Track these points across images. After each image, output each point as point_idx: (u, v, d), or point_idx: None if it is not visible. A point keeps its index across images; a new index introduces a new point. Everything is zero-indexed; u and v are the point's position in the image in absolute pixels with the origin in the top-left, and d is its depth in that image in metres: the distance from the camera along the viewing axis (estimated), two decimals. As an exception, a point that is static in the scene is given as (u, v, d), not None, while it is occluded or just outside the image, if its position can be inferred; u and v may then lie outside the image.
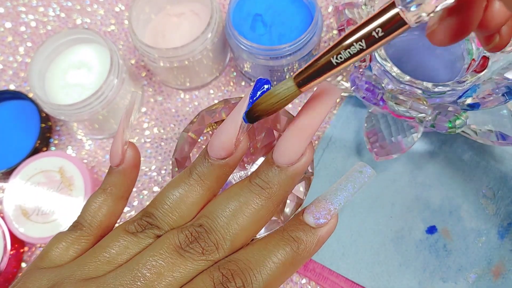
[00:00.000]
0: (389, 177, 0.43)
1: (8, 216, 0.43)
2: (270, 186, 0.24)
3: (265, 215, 0.24)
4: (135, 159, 0.28)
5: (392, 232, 0.42)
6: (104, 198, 0.27)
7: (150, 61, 0.44)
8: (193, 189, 0.25)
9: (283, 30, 0.43)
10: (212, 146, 0.25)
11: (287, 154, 0.24)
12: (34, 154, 0.46)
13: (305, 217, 0.24)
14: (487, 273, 0.40)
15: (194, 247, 0.23)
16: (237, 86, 0.50)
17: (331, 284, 0.41)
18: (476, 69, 0.37)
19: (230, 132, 0.24)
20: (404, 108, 0.36)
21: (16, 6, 0.55)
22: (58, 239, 0.25)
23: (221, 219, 0.23)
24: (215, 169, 0.25)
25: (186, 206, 0.25)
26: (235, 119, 0.24)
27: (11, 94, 0.49)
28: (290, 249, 0.23)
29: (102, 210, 0.26)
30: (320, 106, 0.23)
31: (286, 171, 0.24)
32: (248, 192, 0.24)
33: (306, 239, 0.24)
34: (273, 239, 0.24)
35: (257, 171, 0.25)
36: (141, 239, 0.24)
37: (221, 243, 0.23)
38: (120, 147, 0.27)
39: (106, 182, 0.27)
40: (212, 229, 0.23)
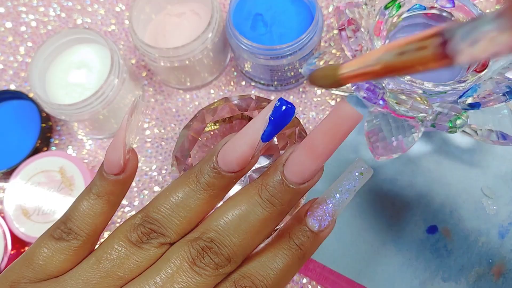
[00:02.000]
0: (390, 176, 0.43)
1: (8, 216, 0.43)
2: (282, 203, 0.24)
3: (273, 225, 0.24)
4: (134, 167, 0.26)
5: (393, 232, 0.42)
6: (99, 204, 0.25)
7: (151, 60, 0.44)
8: (199, 195, 0.24)
9: (283, 30, 0.43)
10: (225, 159, 0.24)
11: (301, 175, 0.23)
12: (34, 154, 0.46)
13: (309, 223, 0.24)
14: (488, 272, 0.40)
15: (208, 264, 0.23)
16: (238, 86, 0.50)
17: (332, 283, 0.41)
18: (476, 69, 0.37)
19: (246, 149, 0.23)
20: (405, 107, 0.36)
21: (16, 6, 0.55)
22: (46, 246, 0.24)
23: (231, 233, 0.23)
24: (224, 180, 0.24)
25: (193, 211, 0.24)
26: (252, 137, 0.23)
27: (11, 94, 0.49)
28: (297, 255, 0.24)
29: (98, 217, 0.25)
30: (339, 131, 0.22)
31: (298, 189, 0.24)
32: (258, 207, 0.23)
33: (311, 245, 0.24)
34: (281, 250, 0.24)
35: (266, 183, 0.24)
36: (148, 251, 0.23)
37: (233, 257, 0.23)
38: (121, 155, 0.25)
39: (101, 188, 0.25)
40: (224, 245, 0.23)
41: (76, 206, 0.25)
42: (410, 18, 0.42)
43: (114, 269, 0.23)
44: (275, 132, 0.24)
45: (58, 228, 0.24)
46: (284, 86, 0.47)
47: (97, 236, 0.25)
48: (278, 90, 0.48)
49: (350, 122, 0.22)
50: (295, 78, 0.46)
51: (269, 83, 0.47)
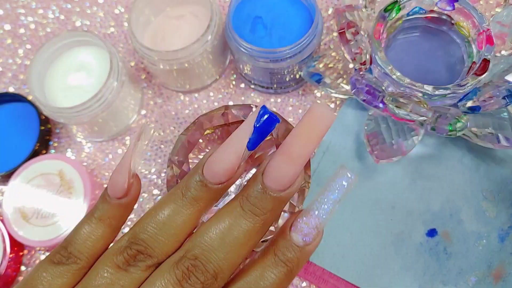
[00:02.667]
0: (390, 180, 0.43)
1: (7, 219, 0.43)
2: (264, 212, 0.23)
3: (258, 237, 0.24)
4: (138, 192, 0.26)
5: (393, 235, 0.42)
6: (100, 228, 0.25)
7: (150, 63, 0.44)
8: (186, 211, 0.24)
9: (283, 33, 0.43)
10: (211, 171, 0.24)
11: (280, 181, 0.23)
12: (33, 157, 0.45)
13: (294, 238, 0.24)
14: (488, 276, 0.40)
15: (193, 284, 0.22)
16: (237, 89, 0.50)
17: (332, 287, 0.41)
18: (476, 72, 0.37)
19: (232, 159, 0.23)
20: (405, 111, 0.36)
21: (15, 8, 0.55)
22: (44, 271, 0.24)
23: (216, 248, 0.23)
24: (211, 193, 0.24)
25: (179, 228, 0.24)
26: (237, 145, 0.23)
27: (10, 97, 0.49)
28: (284, 273, 0.23)
29: (98, 241, 0.25)
30: (314, 133, 0.22)
31: (279, 197, 0.23)
32: (240, 219, 0.23)
33: (297, 259, 0.24)
34: (267, 267, 0.23)
35: (247, 195, 0.24)
36: (134, 274, 0.23)
37: (219, 273, 0.23)
38: (126, 179, 0.25)
39: (104, 212, 0.25)
40: (209, 261, 0.22)
41: (77, 231, 0.25)
42: (410, 21, 0.42)
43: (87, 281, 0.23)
44: (259, 140, 0.24)
45: (58, 253, 0.24)
46: (284, 89, 0.47)
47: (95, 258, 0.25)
48: (277, 93, 0.48)
49: (324, 123, 0.22)
50: (294, 81, 0.46)
51: (269, 85, 0.46)
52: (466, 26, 0.40)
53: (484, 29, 0.38)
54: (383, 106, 0.38)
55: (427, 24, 0.42)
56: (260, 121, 0.23)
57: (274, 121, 0.23)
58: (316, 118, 0.22)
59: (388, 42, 0.42)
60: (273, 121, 0.23)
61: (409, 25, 0.42)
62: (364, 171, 0.44)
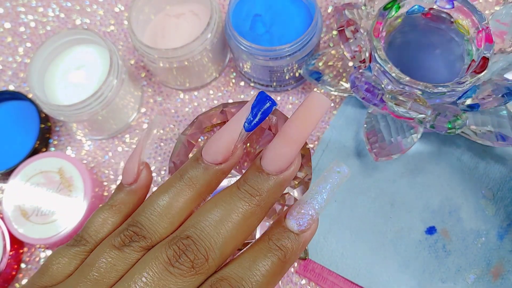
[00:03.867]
0: (389, 177, 0.43)
1: (7, 217, 0.43)
2: (260, 193, 0.24)
3: (254, 222, 0.24)
4: (147, 180, 0.27)
5: (392, 233, 0.42)
6: (110, 214, 0.26)
7: (150, 61, 0.44)
8: (183, 193, 0.24)
9: (282, 31, 0.43)
10: (208, 150, 0.24)
11: (276, 162, 0.24)
12: (33, 154, 0.46)
13: (288, 224, 0.24)
14: (486, 274, 0.40)
15: (183, 262, 0.22)
16: (237, 87, 0.50)
17: (331, 284, 0.41)
18: (475, 70, 0.37)
19: (229, 138, 0.24)
20: (404, 108, 0.36)
21: (15, 6, 0.55)
22: (59, 254, 0.25)
23: (209, 228, 0.23)
24: (208, 173, 0.25)
25: (175, 211, 0.24)
26: (235, 126, 0.24)
27: (10, 95, 0.49)
28: (277, 258, 0.23)
29: (107, 225, 0.26)
30: (310, 117, 0.23)
31: (276, 178, 0.24)
32: (237, 199, 0.24)
33: (292, 245, 0.24)
34: (260, 252, 0.23)
35: (245, 177, 0.24)
36: (127, 254, 0.23)
37: (211, 253, 0.23)
38: (136, 166, 0.26)
39: (116, 198, 0.27)
40: (201, 240, 0.23)
41: (92, 217, 0.26)
42: (409, 19, 0.42)
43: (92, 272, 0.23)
44: (257, 121, 0.24)
45: (73, 238, 0.26)
46: (283, 87, 0.47)
47: None
48: (277, 91, 0.48)
49: (320, 108, 0.23)
50: (294, 79, 0.46)
51: (268, 83, 0.47)
52: (465, 24, 0.40)
53: (483, 27, 0.38)
54: (382, 104, 0.38)
55: (427, 23, 0.42)
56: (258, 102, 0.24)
57: (270, 101, 0.24)
58: (313, 104, 0.23)
59: (387, 40, 0.42)
60: (269, 101, 0.24)
61: (408, 23, 0.42)
62: (363, 169, 0.44)
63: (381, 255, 0.41)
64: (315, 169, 0.44)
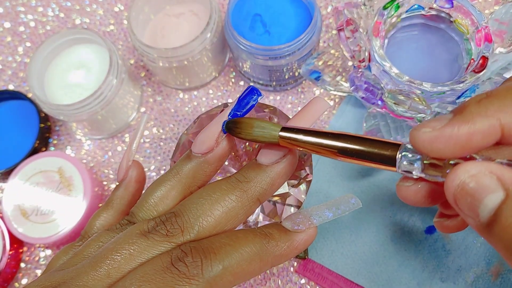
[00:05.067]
0: (388, 177, 0.43)
1: (7, 216, 0.43)
2: (247, 180, 0.25)
3: (238, 208, 0.24)
4: (138, 175, 0.29)
5: (391, 232, 0.42)
6: (106, 211, 0.28)
7: (149, 61, 0.44)
8: (173, 186, 0.26)
9: (282, 30, 0.43)
10: (195, 141, 0.26)
11: (268, 154, 0.25)
12: (33, 154, 0.46)
13: (284, 222, 0.25)
14: (486, 273, 0.40)
15: (159, 230, 0.23)
16: (236, 86, 0.50)
17: (330, 284, 0.41)
18: (475, 69, 0.37)
19: (213, 129, 0.26)
20: (403, 108, 0.36)
21: (15, 6, 0.55)
22: (65, 252, 0.26)
23: (192, 206, 0.24)
24: (194, 165, 0.26)
25: (165, 202, 0.26)
26: (220, 119, 0.26)
27: (10, 94, 0.49)
28: (259, 241, 0.23)
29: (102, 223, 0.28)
30: (307, 117, 0.25)
31: (266, 169, 0.25)
32: (224, 183, 0.25)
33: (279, 237, 0.24)
34: (243, 231, 0.24)
35: (239, 169, 0.26)
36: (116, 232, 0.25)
37: (187, 227, 0.23)
38: (125, 163, 0.29)
39: (112, 196, 0.29)
40: (181, 214, 0.24)
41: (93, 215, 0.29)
42: (408, 19, 0.42)
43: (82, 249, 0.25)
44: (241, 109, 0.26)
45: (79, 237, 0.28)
46: (283, 86, 0.47)
47: None
48: (276, 90, 0.48)
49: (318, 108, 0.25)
50: (293, 79, 0.46)
51: (268, 83, 0.47)
52: (464, 23, 0.40)
53: (482, 26, 0.38)
54: (382, 104, 0.38)
55: (426, 22, 0.42)
56: (245, 95, 0.26)
57: (255, 92, 0.26)
58: (312, 104, 0.25)
59: (387, 40, 0.42)
60: (254, 92, 0.26)
61: (408, 23, 0.42)
62: (363, 169, 0.44)
63: (381, 255, 0.41)
64: (314, 168, 0.44)
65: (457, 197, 0.20)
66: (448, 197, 0.20)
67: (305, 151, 0.24)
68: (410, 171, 0.22)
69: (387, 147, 0.22)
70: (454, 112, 0.21)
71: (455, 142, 0.20)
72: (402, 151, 0.22)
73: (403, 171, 0.22)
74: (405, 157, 0.22)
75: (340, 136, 0.23)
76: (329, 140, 0.23)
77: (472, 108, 0.20)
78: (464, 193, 0.20)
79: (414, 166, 0.22)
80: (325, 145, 0.23)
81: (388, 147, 0.22)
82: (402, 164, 0.22)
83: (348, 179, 0.44)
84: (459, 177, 0.20)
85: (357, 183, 0.43)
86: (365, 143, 0.22)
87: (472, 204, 0.19)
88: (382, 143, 0.22)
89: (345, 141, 0.23)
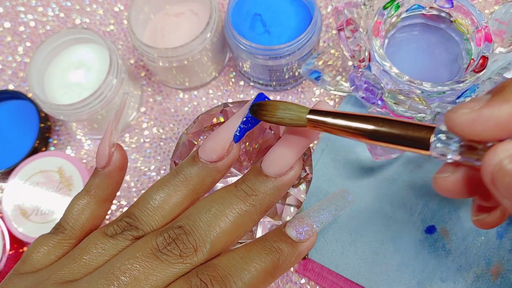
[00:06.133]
0: (388, 177, 0.43)
1: (7, 216, 0.43)
2: (256, 193, 0.24)
3: (247, 222, 0.24)
4: (121, 162, 0.27)
5: (391, 232, 0.42)
6: (87, 200, 0.26)
7: (149, 61, 0.44)
8: (178, 189, 0.25)
9: (282, 30, 0.43)
10: (204, 148, 0.25)
11: (276, 165, 0.24)
12: (33, 154, 0.46)
13: (288, 231, 0.24)
14: (486, 273, 0.40)
15: (171, 250, 0.22)
16: (236, 86, 0.50)
17: (330, 283, 0.41)
18: (475, 69, 0.37)
19: (224, 137, 0.24)
20: (403, 108, 0.36)
21: (15, 6, 0.55)
22: (40, 243, 0.25)
23: (202, 221, 0.23)
24: (203, 171, 0.25)
25: (169, 206, 0.24)
26: (232, 126, 0.24)
27: (10, 94, 0.49)
28: (271, 259, 0.23)
29: (85, 213, 0.26)
30: None
31: (274, 181, 0.24)
32: (233, 196, 0.24)
33: (287, 251, 0.24)
34: (254, 247, 0.23)
35: (244, 177, 0.25)
36: (119, 242, 0.24)
37: (200, 245, 0.23)
38: (107, 149, 0.26)
39: (90, 184, 0.26)
40: (192, 231, 0.23)
41: (69, 205, 0.26)
42: (408, 18, 0.42)
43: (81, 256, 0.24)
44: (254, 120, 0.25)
45: (53, 227, 0.26)
46: (283, 86, 0.47)
47: (83, 231, 0.26)
48: (276, 90, 0.48)
49: None
50: (293, 78, 0.46)
51: (268, 83, 0.47)
52: (464, 23, 0.40)
53: (482, 26, 0.38)
54: (382, 103, 0.38)
55: (426, 22, 0.42)
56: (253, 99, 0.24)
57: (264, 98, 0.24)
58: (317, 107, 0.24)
59: (387, 40, 0.42)
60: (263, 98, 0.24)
61: (408, 23, 0.42)
62: (363, 168, 0.44)
63: (381, 255, 0.41)
64: (314, 168, 0.44)
65: (494, 176, 0.19)
66: (485, 177, 0.19)
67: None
68: (445, 154, 0.21)
69: (420, 130, 0.21)
70: (492, 92, 0.20)
71: (495, 123, 0.19)
72: (437, 134, 0.21)
73: (437, 155, 0.21)
74: (440, 140, 0.21)
75: (371, 118, 0.22)
76: (360, 123, 0.22)
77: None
78: (503, 172, 0.19)
79: (449, 149, 0.21)
80: (355, 128, 0.22)
81: (422, 130, 0.21)
82: (436, 147, 0.21)
83: (348, 179, 0.44)
84: (499, 155, 0.19)
85: (357, 183, 0.43)
86: (397, 125, 0.21)
87: (510, 184, 0.18)
88: (415, 126, 0.21)
89: (376, 123, 0.22)
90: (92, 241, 0.24)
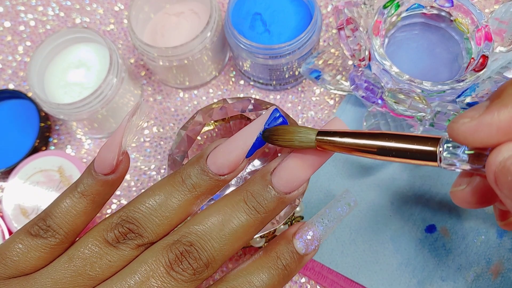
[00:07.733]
0: (389, 176, 0.43)
1: (7, 216, 0.43)
2: (266, 211, 0.24)
3: (252, 233, 0.24)
4: (125, 170, 0.25)
5: (391, 231, 0.42)
6: (84, 205, 0.24)
7: (150, 60, 0.44)
8: (182, 196, 0.24)
9: (282, 29, 0.43)
10: (216, 162, 0.24)
11: (289, 184, 0.24)
12: (33, 153, 0.46)
13: (298, 245, 0.25)
14: (486, 272, 0.40)
15: (186, 269, 0.22)
16: (236, 85, 0.50)
17: (330, 282, 0.41)
18: (475, 68, 0.37)
19: (238, 152, 0.24)
20: (404, 107, 0.36)
21: (15, 5, 0.55)
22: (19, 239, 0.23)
23: (213, 239, 0.23)
24: (212, 182, 0.24)
25: (173, 210, 0.24)
26: (245, 141, 0.24)
27: (10, 94, 0.49)
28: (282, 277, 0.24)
29: (81, 218, 0.24)
30: None
31: (284, 198, 0.24)
32: (242, 212, 0.23)
33: (295, 266, 0.25)
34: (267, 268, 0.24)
35: (253, 191, 0.24)
36: (123, 252, 0.23)
37: (212, 262, 0.23)
38: (115, 156, 0.24)
39: (89, 189, 0.24)
40: (204, 249, 0.23)
41: (58, 203, 0.24)
42: (409, 18, 0.42)
43: (85, 268, 0.23)
44: None
45: (36, 225, 0.24)
46: (283, 86, 0.47)
47: (76, 235, 0.25)
48: (276, 90, 0.48)
49: None
50: (293, 78, 0.46)
51: (268, 82, 0.47)
52: (464, 22, 0.40)
53: (482, 25, 0.38)
54: (382, 102, 0.38)
55: (426, 21, 0.42)
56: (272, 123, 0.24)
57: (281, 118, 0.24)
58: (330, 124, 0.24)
59: (387, 39, 0.42)
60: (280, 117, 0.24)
61: (408, 22, 0.42)
62: (363, 167, 0.44)
63: (381, 254, 0.41)
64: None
65: (497, 175, 0.19)
66: (489, 176, 0.19)
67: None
68: (453, 164, 0.21)
69: (426, 142, 0.22)
70: (490, 99, 0.20)
71: (496, 128, 0.19)
72: (443, 144, 0.21)
73: (446, 165, 0.22)
74: (447, 150, 0.21)
75: (378, 135, 0.23)
76: (367, 140, 0.23)
77: (510, 90, 0.19)
78: (505, 171, 0.19)
79: (456, 159, 0.21)
80: (363, 145, 0.23)
81: (427, 142, 0.22)
82: (444, 158, 0.21)
83: (348, 178, 0.44)
84: (502, 155, 0.19)
85: (357, 182, 0.43)
86: (404, 139, 0.22)
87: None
88: (421, 138, 0.22)
89: (383, 139, 0.22)
90: (95, 251, 0.23)
